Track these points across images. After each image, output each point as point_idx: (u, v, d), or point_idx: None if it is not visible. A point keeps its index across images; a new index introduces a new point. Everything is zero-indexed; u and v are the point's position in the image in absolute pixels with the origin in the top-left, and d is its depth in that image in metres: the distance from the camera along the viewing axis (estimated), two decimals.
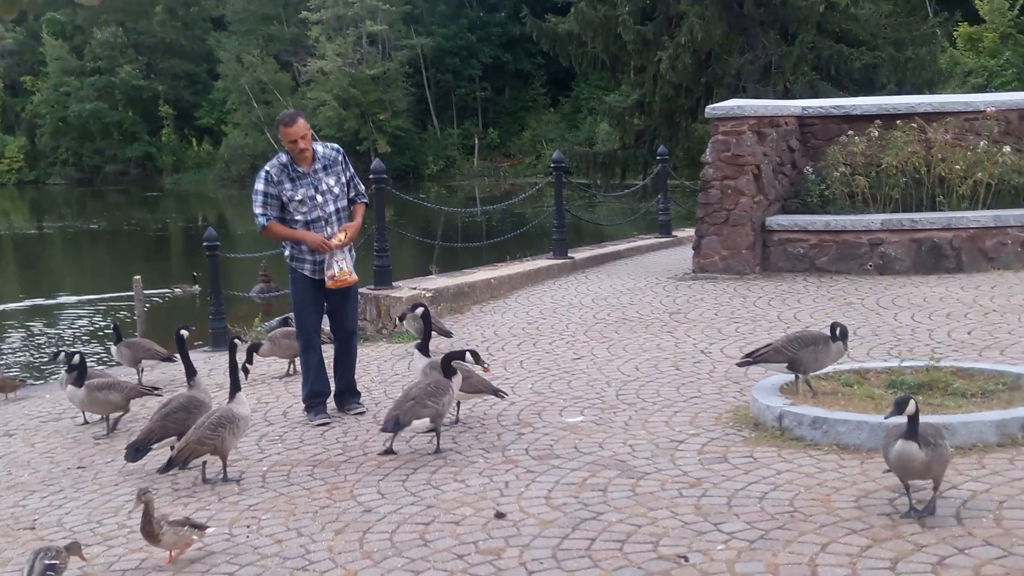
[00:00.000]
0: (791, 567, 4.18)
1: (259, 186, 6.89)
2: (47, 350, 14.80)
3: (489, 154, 57.03)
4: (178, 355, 7.18)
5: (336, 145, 7.21)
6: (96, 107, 60.31)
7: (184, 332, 7.17)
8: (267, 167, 6.96)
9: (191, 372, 6.59)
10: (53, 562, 4.55)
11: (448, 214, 31.21)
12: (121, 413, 7.24)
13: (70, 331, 16.92)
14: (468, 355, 6.23)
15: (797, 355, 6.15)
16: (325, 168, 6.98)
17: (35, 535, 5.26)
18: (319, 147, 7.01)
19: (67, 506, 5.69)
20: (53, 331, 17.09)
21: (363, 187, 7.28)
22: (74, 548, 4.53)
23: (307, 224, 6.93)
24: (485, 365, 6.46)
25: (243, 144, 56.68)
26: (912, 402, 4.54)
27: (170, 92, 62.29)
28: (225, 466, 5.87)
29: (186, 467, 5.83)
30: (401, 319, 9.24)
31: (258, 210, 6.89)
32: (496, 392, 6.57)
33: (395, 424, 5.83)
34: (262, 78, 56.28)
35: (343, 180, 7.07)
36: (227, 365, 6.26)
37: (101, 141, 61.44)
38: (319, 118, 53.44)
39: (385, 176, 10.87)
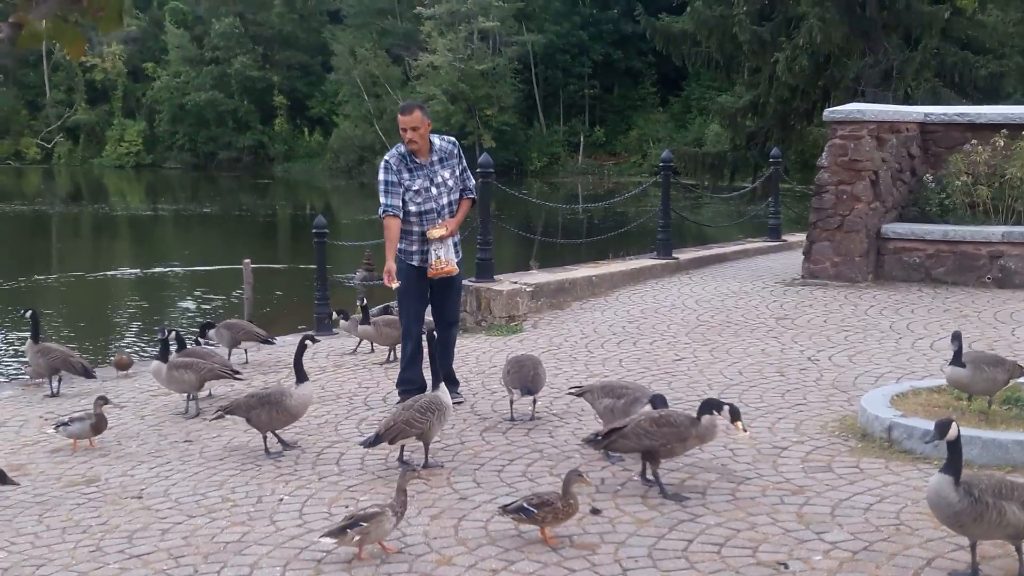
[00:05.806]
0: None
1: (382, 176, 6.98)
2: (159, 327, 15.28)
3: (594, 152, 56.77)
4: (293, 356, 7.00)
5: (452, 138, 7.29)
6: (213, 96, 62.15)
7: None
8: (387, 156, 7.06)
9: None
10: None
11: (549, 210, 31.18)
12: (199, 392, 7.25)
13: (180, 307, 17.45)
14: (727, 409, 5.18)
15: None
16: (441, 161, 7.08)
17: (142, 504, 5.40)
18: (436, 140, 7.11)
19: (174, 477, 5.84)
20: (165, 307, 17.65)
21: (472, 182, 7.33)
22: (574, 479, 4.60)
23: (420, 215, 7.03)
24: (743, 429, 5.26)
25: (352, 135, 57.64)
26: (954, 425, 3.94)
27: (284, 83, 63.78)
28: (427, 451, 5.77)
29: (393, 443, 5.74)
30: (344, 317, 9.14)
31: (383, 200, 6.96)
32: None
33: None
34: (374, 71, 57.09)
35: (456, 173, 7.15)
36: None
37: (216, 128, 63.28)
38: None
39: (492, 170, 10.88)
